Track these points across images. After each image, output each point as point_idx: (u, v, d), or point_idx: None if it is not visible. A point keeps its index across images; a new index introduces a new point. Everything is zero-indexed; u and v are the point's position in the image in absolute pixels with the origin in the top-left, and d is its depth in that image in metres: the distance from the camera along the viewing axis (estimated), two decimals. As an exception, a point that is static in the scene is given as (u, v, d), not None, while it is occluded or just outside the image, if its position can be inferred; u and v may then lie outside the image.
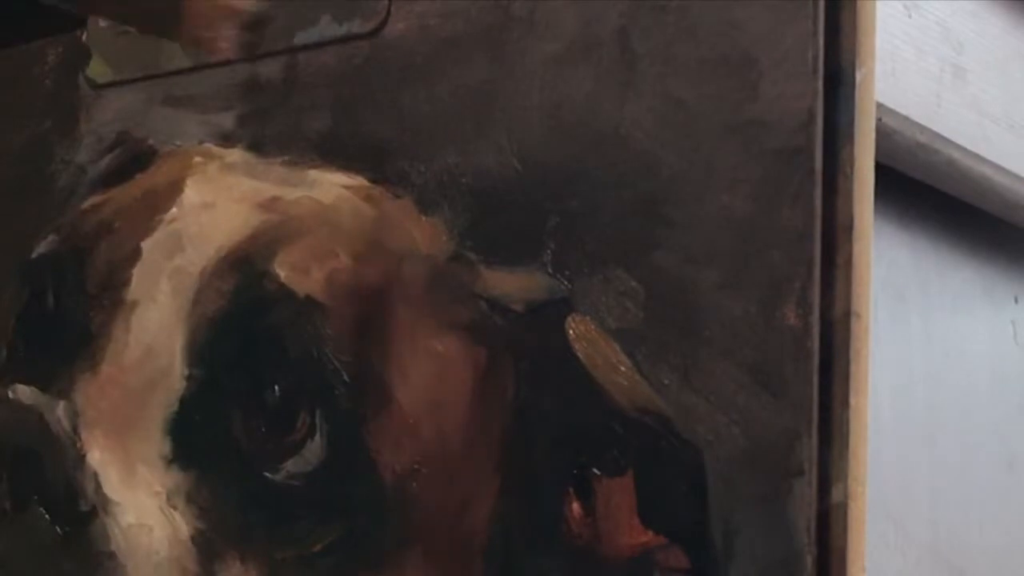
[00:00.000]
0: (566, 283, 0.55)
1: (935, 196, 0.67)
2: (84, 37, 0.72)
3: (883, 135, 0.58)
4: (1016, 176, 0.70)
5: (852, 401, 0.50)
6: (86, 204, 0.70)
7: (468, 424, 0.56)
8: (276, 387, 0.61)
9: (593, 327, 0.54)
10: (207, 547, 0.62)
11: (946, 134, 0.65)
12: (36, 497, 0.67)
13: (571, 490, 0.54)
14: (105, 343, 0.66)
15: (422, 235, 0.59)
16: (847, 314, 0.50)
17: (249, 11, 0.65)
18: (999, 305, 0.73)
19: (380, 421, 0.58)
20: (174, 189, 0.66)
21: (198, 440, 0.63)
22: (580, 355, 0.54)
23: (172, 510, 0.63)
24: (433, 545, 0.57)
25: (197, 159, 0.66)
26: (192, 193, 0.65)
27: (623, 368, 0.53)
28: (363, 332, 0.59)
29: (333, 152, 0.62)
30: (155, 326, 0.64)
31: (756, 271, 0.51)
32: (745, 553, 0.50)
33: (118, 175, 0.69)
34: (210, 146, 0.66)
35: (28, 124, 0.74)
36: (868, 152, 0.51)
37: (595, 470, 0.53)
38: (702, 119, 0.53)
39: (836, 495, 0.50)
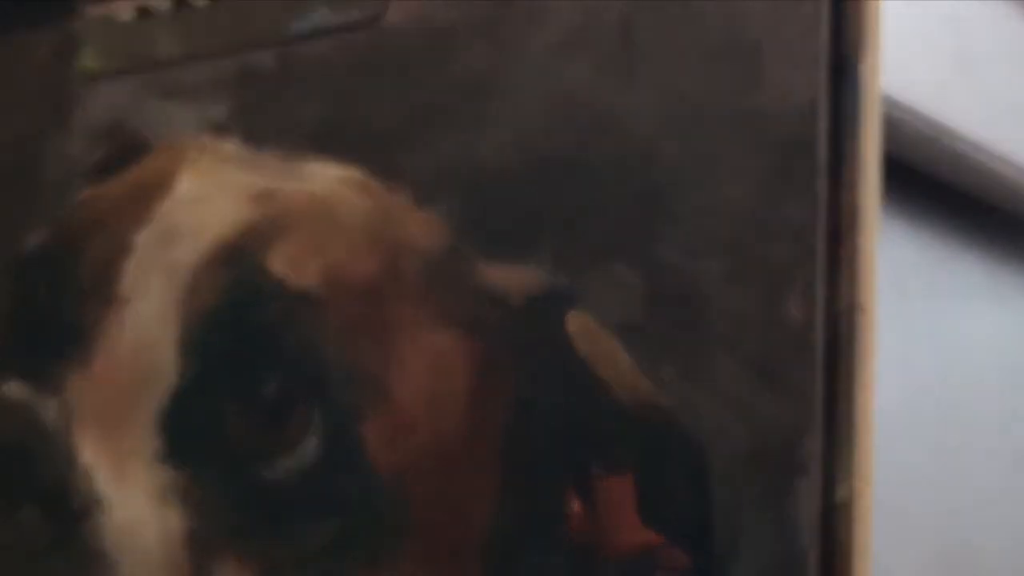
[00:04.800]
0: (566, 277, 0.55)
1: (941, 187, 0.67)
2: (76, 28, 0.72)
3: (889, 126, 0.58)
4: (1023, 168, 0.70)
5: (857, 397, 0.50)
6: (78, 197, 0.69)
7: (466, 421, 0.56)
8: (271, 383, 0.60)
9: (593, 322, 0.54)
10: (201, 545, 0.62)
11: (953, 125, 0.65)
12: (28, 495, 0.67)
13: (571, 488, 0.53)
14: (97, 338, 0.65)
15: (419, 228, 0.59)
16: (852, 308, 0.50)
17: None
18: (1006, 298, 0.73)
19: (377, 418, 0.58)
20: (167, 182, 0.65)
21: (192, 437, 0.62)
22: (580, 351, 0.54)
23: (166, 508, 0.63)
24: (431, 543, 0.57)
25: (190, 151, 0.66)
26: (185, 186, 0.65)
27: (624, 363, 0.53)
28: (359, 327, 0.59)
29: (328, 144, 0.62)
30: (148, 321, 0.64)
31: (759, 264, 0.51)
32: (748, 552, 0.50)
33: (110, 168, 0.69)
34: (203, 138, 0.66)
35: (19, 116, 0.74)
36: (874, 143, 0.51)
37: (595, 468, 0.53)
38: (705, 110, 0.53)
39: (841, 493, 0.49)
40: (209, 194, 0.64)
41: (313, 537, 0.59)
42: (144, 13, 0.70)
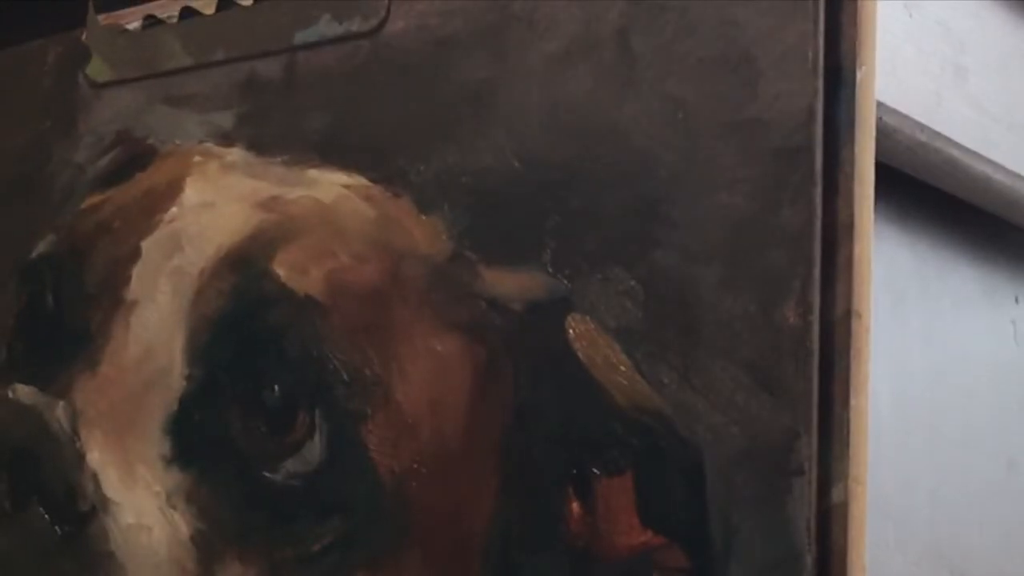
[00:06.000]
0: (565, 282, 0.55)
1: (935, 195, 0.67)
2: (84, 36, 0.72)
3: (883, 134, 0.58)
4: (1016, 175, 0.70)
5: (852, 401, 0.50)
6: (85, 204, 0.70)
7: (467, 424, 0.56)
8: (275, 387, 0.61)
9: (592, 326, 0.54)
10: (206, 547, 0.62)
11: (947, 133, 0.65)
12: (36, 497, 0.67)
13: (570, 490, 0.54)
14: (104, 343, 0.66)
15: (421, 234, 0.59)
16: (847, 313, 0.50)
17: None
18: (999, 304, 0.73)
19: (379, 421, 0.58)
20: (173, 189, 0.66)
21: (197, 440, 0.63)
22: (579, 354, 0.54)
23: (171, 510, 0.63)
24: (432, 545, 0.57)
25: (197, 158, 0.66)
26: (191, 193, 0.65)
27: (622, 367, 0.53)
28: (362, 332, 0.59)
29: (333, 151, 0.62)
30: (154, 326, 0.64)
31: (756, 270, 0.51)
32: (744, 553, 0.50)
33: (117, 175, 0.69)
34: (210, 145, 0.66)
35: (27, 123, 0.74)
36: (868, 151, 0.51)
37: (594, 470, 0.53)
38: (702, 118, 0.53)
39: (836, 495, 0.50)
40: (215, 201, 0.64)
41: (316, 537, 0.59)
42: (151, 22, 0.70)
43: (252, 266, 0.62)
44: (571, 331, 0.54)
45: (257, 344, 0.61)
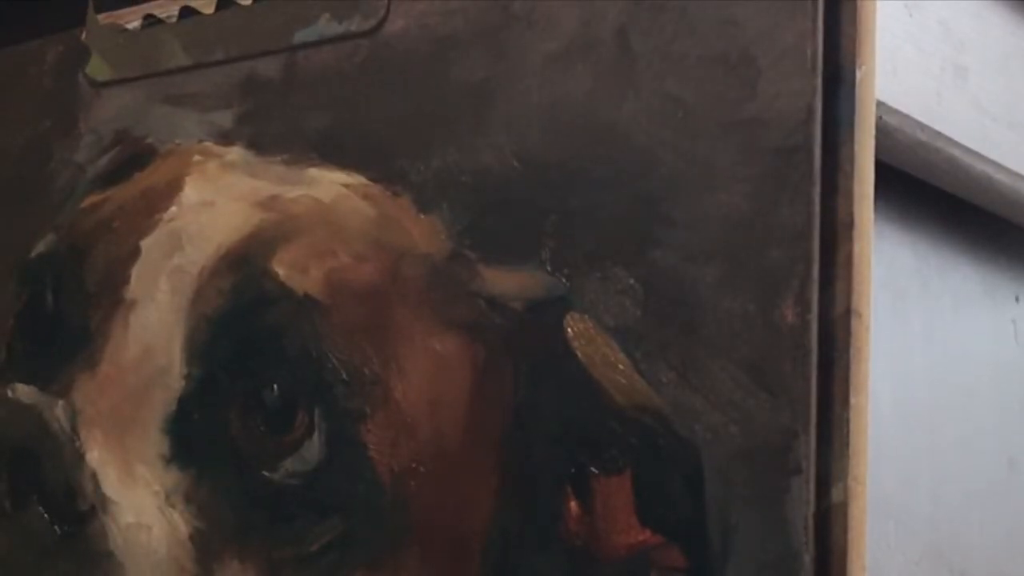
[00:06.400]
0: (564, 281, 0.55)
1: (936, 194, 0.67)
2: (83, 36, 0.73)
3: (883, 133, 0.58)
4: (1017, 174, 0.70)
5: (852, 400, 0.50)
6: (85, 203, 0.70)
7: (466, 423, 0.56)
8: (275, 386, 0.61)
9: (591, 325, 0.54)
10: (205, 546, 0.62)
11: (947, 132, 0.65)
12: (35, 496, 0.67)
13: (569, 489, 0.54)
14: (104, 342, 0.66)
15: (421, 234, 0.59)
16: (847, 313, 0.50)
17: None
18: (1000, 304, 0.73)
19: (378, 420, 0.58)
20: (173, 188, 0.66)
21: (197, 439, 0.63)
22: (578, 353, 0.54)
23: (171, 509, 0.63)
24: (431, 544, 0.57)
25: (196, 158, 0.66)
26: (191, 192, 0.65)
27: (621, 366, 0.53)
28: (362, 331, 0.59)
29: (332, 150, 0.62)
30: (154, 325, 0.64)
31: (755, 269, 0.51)
32: (743, 552, 0.50)
33: (117, 174, 0.69)
34: (209, 145, 0.66)
35: (27, 123, 0.74)
36: (868, 150, 0.51)
37: (593, 469, 0.53)
38: (701, 117, 0.53)
39: (836, 495, 0.49)
40: (215, 200, 0.64)
41: (315, 537, 0.59)
42: (151, 22, 0.70)
43: (252, 265, 0.62)
44: (570, 330, 0.55)
45: (256, 343, 0.61)
